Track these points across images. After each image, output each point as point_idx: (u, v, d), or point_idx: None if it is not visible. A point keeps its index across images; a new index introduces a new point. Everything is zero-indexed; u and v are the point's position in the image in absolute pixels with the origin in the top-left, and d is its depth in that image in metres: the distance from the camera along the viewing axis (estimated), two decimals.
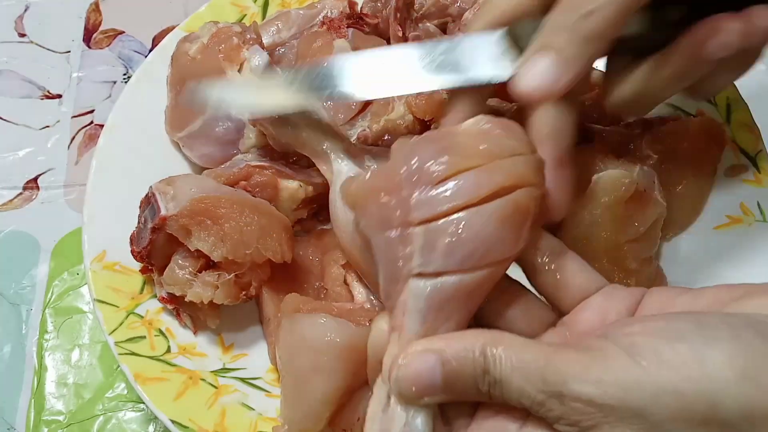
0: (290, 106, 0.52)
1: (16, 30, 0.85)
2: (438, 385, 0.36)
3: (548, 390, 0.34)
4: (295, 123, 0.55)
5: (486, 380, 0.35)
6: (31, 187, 0.75)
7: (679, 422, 0.32)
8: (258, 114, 0.56)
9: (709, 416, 0.32)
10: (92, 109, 0.80)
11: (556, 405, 0.34)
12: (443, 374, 0.36)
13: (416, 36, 0.68)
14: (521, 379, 0.35)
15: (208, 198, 0.54)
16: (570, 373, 0.34)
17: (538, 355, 0.35)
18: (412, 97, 0.61)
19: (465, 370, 0.36)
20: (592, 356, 0.34)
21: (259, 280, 0.56)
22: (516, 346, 0.36)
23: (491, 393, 0.36)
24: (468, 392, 0.36)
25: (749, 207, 0.60)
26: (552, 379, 0.34)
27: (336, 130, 0.57)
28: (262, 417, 0.54)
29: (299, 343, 0.48)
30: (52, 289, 0.68)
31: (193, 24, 0.69)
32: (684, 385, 0.32)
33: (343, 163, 0.55)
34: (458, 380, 0.36)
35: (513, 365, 0.35)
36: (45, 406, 0.63)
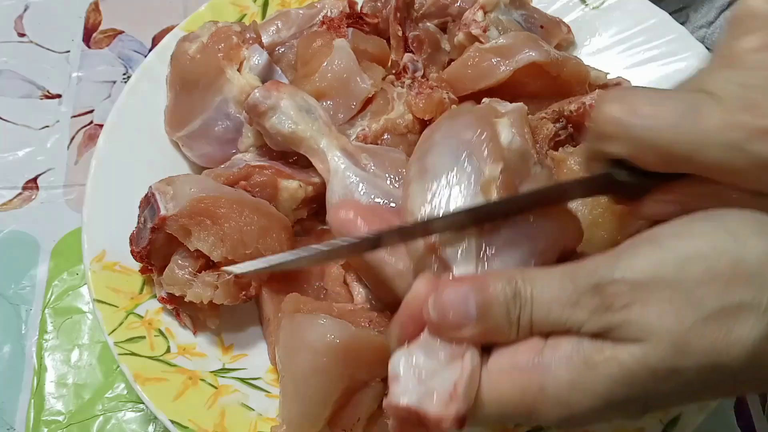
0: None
1: (16, 30, 0.85)
2: (472, 315, 0.37)
3: (581, 287, 0.35)
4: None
5: (517, 304, 0.37)
6: (31, 187, 0.75)
7: (707, 284, 0.34)
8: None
9: (733, 273, 0.34)
10: (92, 109, 0.80)
11: (590, 299, 0.35)
12: (477, 302, 0.37)
13: (416, 36, 0.68)
14: (553, 289, 0.36)
15: (207, 198, 0.54)
16: (600, 266, 0.36)
17: (564, 267, 0.37)
18: (411, 97, 0.61)
19: (497, 296, 0.37)
20: (618, 252, 0.36)
21: (258, 280, 0.56)
22: (541, 270, 0.38)
23: (521, 319, 0.37)
24: (500, 322, 0.37)
25: None
26: (584, 277, 0.36)
27: (333, 129, 0.57)
28: (261, 417, 0.54)
29: (298, 344, 0.48)
30: (52, 289, 0.68)
31: (193, 24, 0.69)
32: (705, 248, 0.34)
33: (339, 162, 0.55)
34: (491, 308, 0.37)
35: (543, 282, 0.37)
36: (44, 407, 0.63)
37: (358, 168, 0.56)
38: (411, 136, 0.62)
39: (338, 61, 0.62)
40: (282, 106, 0.57)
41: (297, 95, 0.58)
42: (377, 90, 0.62)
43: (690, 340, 0.34)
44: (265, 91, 0.57)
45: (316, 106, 0.58)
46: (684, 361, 0.34)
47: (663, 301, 0.34)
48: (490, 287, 0.37)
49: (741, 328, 0.34)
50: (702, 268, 0.34)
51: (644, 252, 0.35)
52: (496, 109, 0.58)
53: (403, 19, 0.67)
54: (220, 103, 0.61)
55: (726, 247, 0.34)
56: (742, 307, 0.34)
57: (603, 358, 0.35)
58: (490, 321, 0.37)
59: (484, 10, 0.66)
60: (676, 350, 0.34)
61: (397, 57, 0.67)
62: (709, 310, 0.34)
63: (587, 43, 0.72)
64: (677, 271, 0.34)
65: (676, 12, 0.81)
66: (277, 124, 0.57)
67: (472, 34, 0.65)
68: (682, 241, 0.35)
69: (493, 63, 0.63)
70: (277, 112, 0.57)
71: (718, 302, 0.34)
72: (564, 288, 0.36)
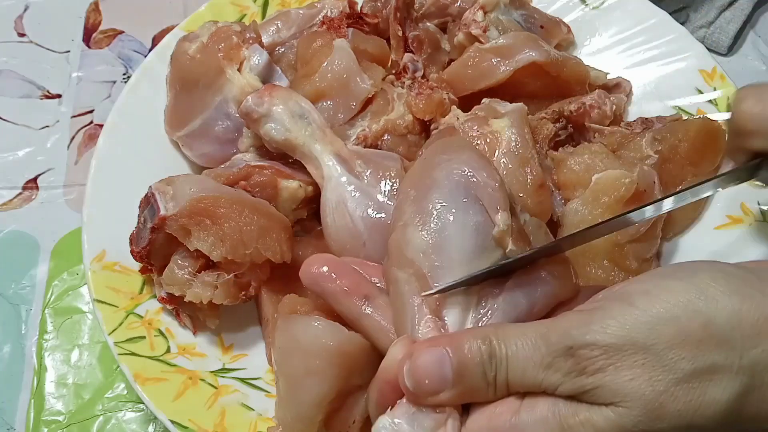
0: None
1: (16, 30, 0.85)
2: (449, 378, 0.37)
3: (554, 350, 0.35)
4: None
5: (493, 364, 0.37)
6: (31, 187, 0.75)
7: (679, 347, 0.34)
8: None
9: (704, 334, 0.34)
10: (92, 108, 0.79)
11: (563, 361, 0.35)
12: (453, 365, 0.37)
13: (416, 36, 0.68)
14: (527, 350, 0.36)
15: (207, 198, 0.54)
16: (573, 327, 0.36)
17: (538, 327, 0.37)
18: (411, 97, 0.61)
19: (473, 358, 0.37)
20: (591, 312, 0.37)
21: (258, 281, 0.56)
22: (515, 328, 0.38)
23: (497, 380, 0.37)
24: (477, 383, 0.37)
25: (750, 207, 0.60)
26: (556, 339, 0.36)
27: (328, 133, 0.57)
28: (261, 417, 0.54)
29: (293, 345, 0.48)
30: (52, 289, 0.68)
31: (193, 23, 0.69)
32: (677, 310, 0.35)
33: (333, 169, 0.55)
34: (467, 370, 0.37)
35: (517, 342, 0.37)
36: (45, 407, 0.63)
37: (352, 176, 0.55)
38: (411, 136, 0.62)
39: (338, 61, 0.62)
40: (274, 112, 0.57)
41: (290, 100, 0.58)
42: (377, 90, 0.62)
43: (663, 404, 0.34)
44: (257, 98, 0.57)
45: (311, 109, 0.58)
46: (658, 424, 0.34)
47: (635, 365, 0.34)
48: (465, 348, 0.37)
49: (714, 390, 0.34)
50: (673, 331, 0.34)
51: (616, 313, 0.35)
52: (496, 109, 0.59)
53: (403, 19, 0.67)
54: (220, 103, 0.61)
55: (697, 307, 0.35)
56: (715, 370, 0.34)
57: (578, 420, 0.35)
58: (467, 383, 0.37)
59: (484, 10, 0.66)
60: (650, 414, 0.34)
61: (397, 57, 0.67)
62: (681, 373, 0.34)
63: (587, 43, 0.72)
64: (649, 334, 0.34)
65: (676, 12, 0.81)
66: (270, 132, 0.57)
67: (472, 34, 0.65)
68: (653, 302, 0.35)
69: (493, 63, 0.63)
70: (269, 119, 0.57)
71: (690, 365, 0.34)
72: (537, 349, 0.36)
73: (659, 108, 0.66)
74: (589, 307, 0.37)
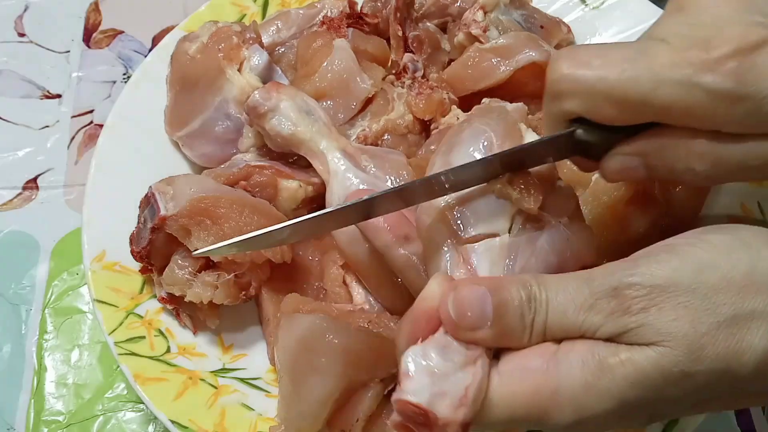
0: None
1: (16, 30, 0.85)
2: (488, 316, 0.37)
3: (599, 291, 0.36)
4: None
5: (532, 307, 0.37)
6: (31, 187, 0.75)
7: (722, 292, 0.35)
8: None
9: (747, 281, 0.35)
10: (92, 108, 0.80)
11: (606, 303, 0.36)
12: (493, 304, 0.37)
13: (416, 36, 0.68)
14: (568, 293, 0.36)
15: (207, 198, 0.54)
16: (618, 270, 0.36)
17: (579, 274, 0.37)
18: (411, 97, 0.61)
19: (513, 299, 0.37)
20: (635, 258, 0.37)
21: (258, 280, 0.56)
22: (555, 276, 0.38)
23: (535, 323, 0.37)
24: (515, 325, 0.37)
25: (750, 207, 0.60)
26: (601, 281, 0.36)
27: (333, 130, 0.57)
28: (261, 417, 0.54)
29: (297, 344, 0.48)
30: (52, 289, 0.68)
31: (193, 23, 0.69)
32: (721, 258, 0.35)
33: (339, 163, 0.55)
34: (507, 310, 0.37)
35: (557, 287, 0.37)
36: (45, 407, 0.63)
37: (359, 170, 0.56)
38: (411, 136, 0.62)
39: (338, 61, 0.62)
40: (282, 107, 0.57)
41: (297, 96, 0.58)
42: (377, 90, 0.62)
43: (704, 345, 0.35)
44: (265, 92, 0.57)
45: (316, 107, 0.58)
46: (697, 366, 0.35)
47: (679, 306, 0.35)
48: (506, 290, 0.37)
49: (752, 336, 0.35)
50: (717, 276, 0.35)
51: (662, 258, 0.36)
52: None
53: (403, 19, 0.67)
54: (220, 103, 0.61)
55: (741, 256, 0.35)
56: (754, 316, 0.35)
57: (618, 360, 0.35)
58: (505, 324, 0.37)
59: (484, 10, 0.66)
60: (691, 354, 0.35)
61: (397, 57, 0.67)
62: (723, 316, 0.35)
63: (587, 43, 0.72)
64: (694, 278, 0.35)
65: None
66: (277, 126, 0.57)
67: (472, 34, 0.65)
68: (698, 250, 0.36)
69: (493, 63, 0.63)
70: (277, 113, 0.57)
71: (731, 309, 0.35)
72: (580, 291, 0.36)
73: None
74: (633, 257, 0.38)
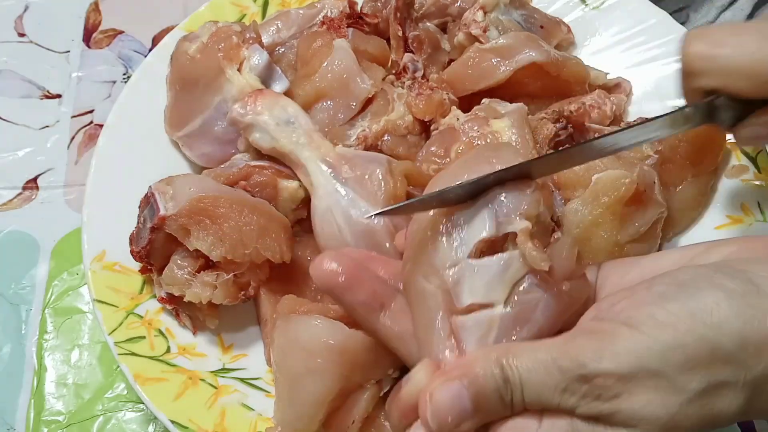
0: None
1: (16, 30, 0.85)
2: (469, 409, 0.38)
3: (568, 377, 0.36)
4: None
5: (508, 388, 0.38)
6: (31, 187, 0.75)
7: (688, 371, 0.36)
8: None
9: (712, 357, 0.35)
10: (92, 108, 0.79)
11: (579, 387, 0.36)
12: (470, 396, 0.38)
13: (416, 36, 0.68)
14: (541, 375, 0.37)
15: (207, 198, 0.54)
16: (586, 355, 0.36)
17: (549, 350, 0.38)
18: (411, 98, 0.61)
19: (488, 385, 0.38)
20: (600, 337, 0.37)
21: (257, 281, 0.56)
22: (526, 350, 0.38)
23: (514, 401, 0.38)
24: (495, 408, 0.38)
25: (750, 207, 0.60)
26: (568, 366, 0.36)
27: (315, 137, 0.57)
28: (261, 417, 0.54)
29: (293, 344, 0.48)
30: (52, 289, 0.68)
31: (193, 23, 0.69)
32: (685, 337, 0.36)
33: (321, 175, 0.56)
34: (485, 398, 0.38)
35: (529, 366, 0.37)
36: (44, 407, 0.63)
37: (338, 183, 0.55)
38: (411, 137, 0.62)
39: (338, 61, 0.62)
40: (259, 121, 0.57)
41: (276, 106, 0.58)
42: (377, 90, 0.62)
43: (678, 423, 0.36)
44: (242, 106, 0.58)
45: (297, 114, 0.58)
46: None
47: (649, 389, 0.36)
48: (480, 376, 0.38)
49: (722, 403, 0.36)
50: (683, 358, 0.36)
51: (626, 340, 0.36)
52: (496, 109, 0.59)
53: (403, 19, 0.67)
54: (219, 103, 0.61)
55: (703, 333, 0.36)
56: (722, 386, 0.36)
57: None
58: (486, 409, 0.38)
59: (483, 10, 0.66)
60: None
61: (397, 57, 0.67)
62: (692, 393, 0.36)
63: (587, 43, 0.72)
64: (660, 361, 0.36)
65: (676, 12, 0.81)
66: (258, 140, 0.58)
67: (472, 35, 0.65)
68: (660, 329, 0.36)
69: (493, 63, 0.63)
70: (255, 128, 0.57)
71: (700, 384, 0.36)
72: (551, 375, 0.37)
73: (659, 108, 0.66)
74: (596, 328, 0.38)
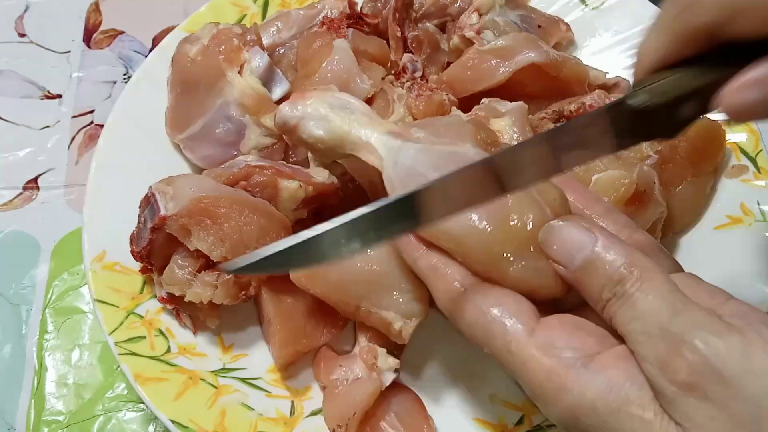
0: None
1: (17, 30, 0.85)
2: (575, 264, 0.37)
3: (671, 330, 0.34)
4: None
5: (614, 290, 0.36)
6: (31, 187, 0.75)
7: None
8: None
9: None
10: (92, 109, 0.80)
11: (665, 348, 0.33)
12: (587, 256, 0.36)
13: (415, 36, 0.68)
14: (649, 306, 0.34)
15: (207, 198, 0.54)
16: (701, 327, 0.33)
17: (676, 297, 0.35)
18: (411, 99, 0.61)
19: (607, 267, 0.36)
20: (728, 326, 0.34)
21: (258, 280, 0.56)
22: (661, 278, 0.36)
23: (606, 305, 0.36)
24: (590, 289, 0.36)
25: (749, 207, 0.60)
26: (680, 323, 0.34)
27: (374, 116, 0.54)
28: (262, 417, 0.54)
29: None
30: (52, 289, 0.68)
31: (194, 24, 0.69)
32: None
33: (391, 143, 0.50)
34: (593, 272, 0.36)
35: (649, 290, 0.35)
36: (45, 407, 0.63)
37: (411, 141, 0.49)
38: None
39: (338, 62, 0.62)
40: (311, 111, 0.53)
41: (326, 95, 0.54)
42: (377, 90, 0.62)
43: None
44: (290, 104, 0.53)
45: (351, 99, 0.54)
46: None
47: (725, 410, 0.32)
48: (609, 256, 0.36)
49: None
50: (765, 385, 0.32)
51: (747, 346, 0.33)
52: (496, 108, 0.59)
53: (402, 20, 0.67)
54: (221, 106, 0.61)
55: None
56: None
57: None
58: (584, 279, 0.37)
59: (479, 12, 0.66)
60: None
61: (396, 57, 0.67)
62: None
63: (587, 43, 0.72)
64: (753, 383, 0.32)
65: None
66: (313, 130, 0.52)
67: (466, 37, 0.65)
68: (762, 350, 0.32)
69: (492, 64, 0.63)
70: (308, 118, 0.52)
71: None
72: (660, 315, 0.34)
73: None
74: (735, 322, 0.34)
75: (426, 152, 0.47)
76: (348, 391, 0.52)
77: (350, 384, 0.53)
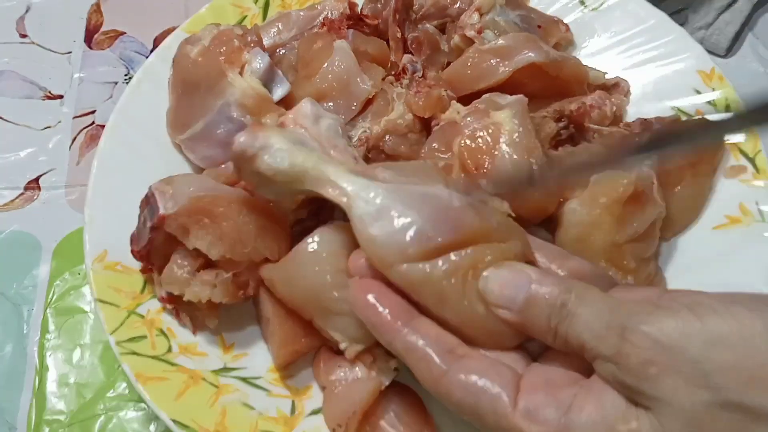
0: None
1: (18, 31, 0.85)
2: (518, 302, 0.40)
3: (613, 324, 0.37)
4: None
5: (560, 314, 0.39)
6: (33, 187, 0.75)
7: (727, 375, 0.34)
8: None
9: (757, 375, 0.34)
10: (93, 109, 0.80)
11: (614, 340, 0.37)
12: (527, 295, 0.40)
13: (415, 37, 0.68)
14: (591, 314, 0.38)
15: (206, 197, 0.55)
16: (637, 313, 0.37)
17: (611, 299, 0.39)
18: (410, 96, 0.61)
19: (547, 298, 0.39)
20: (659, 306, 0.38)
21: (257, 280, 0.56)
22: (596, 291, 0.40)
23: (558, 330, 0.39)
24: (538, 322, 0.40)
25: (748, 207, 0.60)
26: (618, 316, 0.37)
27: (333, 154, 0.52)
28: (262, 417, 0.54)
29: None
30: (54, 289, 0.69)
31: (194, 25, 0.69)
32: (738, 339, 0.34)
33: (357, 182, 0.48)
34: (536, 306, 0.40)
35: (588, 303, 0.39)
36: (46, 406, 0.63)
37: (379, 181, 0.48)
38: (412, 135, 0.62)
39: (339, 62, 0.62)
40: (273, 143, 0.50)
41: (285, 130, 0.52)
42: (377, 91, 0.62)
43: (703, 424, 0.34)
44: (249, 133, 0.51)
45: (307, 138, 0.53)
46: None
47: (679, 374, 0.35)
48: (546, 288, 0.40)
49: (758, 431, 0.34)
50: (727, 357, 0.34)
51: (679, 317, 0.36)
52: (496, 101, 0.59)
53: (401, 21, 0.67)
54: (222, 107, 0.61)
55: (758, 345, 0.34)
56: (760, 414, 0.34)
57: (627, 429, 0.36)
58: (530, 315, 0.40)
59: (479, 12, 0.66)
60: (689, 429, 0.35)
61: (396, 58, 0.67)
62: (725, 399, 0.34)
63: (586, 44, 0.72)
64: (702, 351, 0.34)
65: (675, 13, 0.81)
66: (273, 162, 0.50)
67: (467, 37, 0.65)
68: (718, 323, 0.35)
69: (492, 64, 0.63)
70: (269, 150, 0.50)
71: (736, 396, 0.34)
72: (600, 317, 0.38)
73: (658, 109, 0.66)
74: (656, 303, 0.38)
75: (397, 192, 0.46)
76: (347, 391, 0.53)
77: (350, 383, 0.53)
